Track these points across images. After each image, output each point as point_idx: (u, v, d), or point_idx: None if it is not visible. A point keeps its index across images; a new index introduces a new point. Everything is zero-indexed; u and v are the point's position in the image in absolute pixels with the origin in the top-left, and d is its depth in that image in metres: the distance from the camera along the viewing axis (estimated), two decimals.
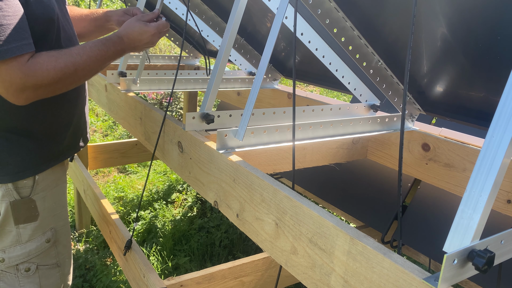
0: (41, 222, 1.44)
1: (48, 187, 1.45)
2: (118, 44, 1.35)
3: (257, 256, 1.71)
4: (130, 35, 1.38)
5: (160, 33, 1.44)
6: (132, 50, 1.42)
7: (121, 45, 1.36)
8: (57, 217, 1.51)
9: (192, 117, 1.32)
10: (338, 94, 6.72)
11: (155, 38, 1.43)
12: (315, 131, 1.40)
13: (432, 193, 1.76)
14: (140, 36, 1.39)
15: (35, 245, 1.44)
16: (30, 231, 1.42)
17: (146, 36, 1.40)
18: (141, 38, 1.39)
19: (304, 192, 2.25)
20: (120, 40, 1.36)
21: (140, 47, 1.42)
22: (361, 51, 1.39)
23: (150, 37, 1.41)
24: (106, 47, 1.32)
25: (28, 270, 1.44)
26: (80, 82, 1.32)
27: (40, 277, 1.47)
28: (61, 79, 1.21)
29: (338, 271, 0.81)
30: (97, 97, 2.31)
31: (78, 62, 1.24)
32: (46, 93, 1.22)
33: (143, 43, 1.41)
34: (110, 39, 1.34)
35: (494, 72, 1.18)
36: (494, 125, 0.69)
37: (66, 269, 1.58)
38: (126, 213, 3.31)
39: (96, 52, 1.29)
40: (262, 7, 1.83)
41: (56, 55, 1.21)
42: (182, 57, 3.13)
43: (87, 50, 1.27)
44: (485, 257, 0.65)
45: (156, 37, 1.43)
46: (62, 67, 1.20)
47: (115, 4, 8.21)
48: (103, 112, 5.30)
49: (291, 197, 0.91)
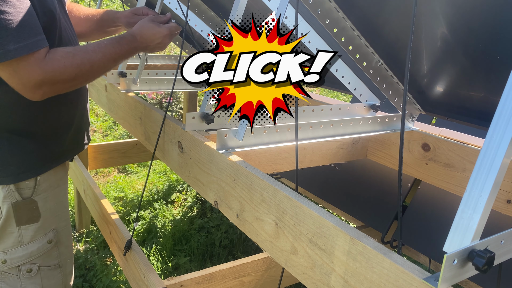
0: (43, 223, 1.44)
1: (49, 187, 1.45)
2: (131, 42, 1.37)
3: (257, 256, 1.70)
4: (144, 34, 1.39)
5: (171, 35, 1.45)
6: (143, 50, 1.43)
7: (134, 43, 1.38)
8: (59, 218, 1.51)
9: (192, 117, 1.32)
10: (338, 94, 6.72)
11: (167, 39, 1.44)
12: (315, 131, 1.40)
13: (432, 193, 1.76)
14: (153, 36, 1.40)
15: (36, 246, 1.43)
16: (32, 232, 1.41)
17: (159, 36, 1.41)
18: (153, 38, 1.40)
19: (304, 192, 2.25)
20: (134, 38, 1.37)
21: (151, 47, 1.43)
22: (361, 51, 1.39)
23: (162, 37, 1.42)
24: (120, 45, 1.33)
25: (30, 271, 1.44)
26: (94, 78, 1.34)
27: (42, 278, 1.47)
28: (77, 76, 1.22)
29: (338, 271, 0.81)
30: (97, 97, 2.31)
31: (94, 60, 1.26)
32: (62, 89, 1.23)
33: (155, 43, 1.42)
34: (124, 38, 1.36)
35: (494, 72, 1.18)
36: (494, 125, 0.69)
37: (67, 269, 1.58)
38: (126, 213, 3.30)
39: (111, 50, 1.30)
40: (262, 7, 1.83)
41: (73, 52, 1.23)
42: (182, 57, 3.12)
43: (102, 47, 1.28)
44: (485, 257, 0.65)
45: (168, 38, 1.44)
46: (78, 63, 1.21)
47: (115, 4, 8.21)
48: (103, 112, 5.30)
49: (291, 197, 0.91)
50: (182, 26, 1.62)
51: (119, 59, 1.34)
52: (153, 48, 1.43)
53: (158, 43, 1.43)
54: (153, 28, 1.41)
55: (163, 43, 1.44)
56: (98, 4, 2.65)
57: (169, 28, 1.43)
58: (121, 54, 1.34)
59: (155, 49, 1.45)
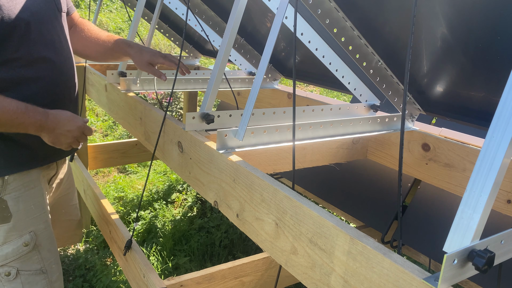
0: (15, 224, 1.41)
1: (22, 187, 1.42)
2: (40, 115, 1.33)
3: (257, 256, 1.70)
4: (58, 115, 1.37)
5: (84, 131, 1.44)
6: (47, 130, 1.36)
7: (41, 116, 1.33)
8: (37, 220, 1.47)
9: (192, 117, 1.32)
10: (338, 94, 6.72)
11: (77, 132, 1.41)
12: (315, 131, 1.40)
13: (432, 193, 1.76)
14: (66, 121, 1.38)
15: (11, 248, 1.40)
16: (3, 233, 1.39)
17: (72, 124, 1.39)
18: (65, 122, 1.38)
19: (304, 192, 2.25)
20: (45, 114, 1.34)
21: (58, 132, 1.38)
22: (361, 51, 1.39)
23: (75, 127, 1.40)
24: (27, 114, 1.29)
25: (9, 275, 1.40)
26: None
27: (23, 283, 1.43)
28: None
29: (338, 271, 0.81)
30: (97, 97, 2.31)
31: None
32: None
33: (64, 129, 1.38)
34: (36, 109, 1.32)
35: (494, 72, 1.18)
36: (494, 125, 0.69)
37: (53, 276, 1.53)
38: (126, 213, 3.31)
39: (9, 111, 1.26)
40: (262, 7, 1.83)
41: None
42: (182, 57, 3.13)
43: (6, 108, 1.25)
44: (485, 257, 0.65)
45: (79, 131, 1.42)
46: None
47: (115, 4, 8.22)
48: (103, 112, 5.30)
49: (291, 197, 0.91)
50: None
51: (14, 125, 1.29)
52: (59, 134, 1.38)
53: (68, 130, 1.39)
54: (71, 115, 1.40)
55: (71, 134, 1.40)
56: (98, 4, 2.65)
57: (84, 122, 1.43)
58: (21, 122, 1.28)
59: (60, 136, 1.39)
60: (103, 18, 7.39)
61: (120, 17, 7.70)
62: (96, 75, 2.28)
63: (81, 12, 7.30)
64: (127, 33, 7.15)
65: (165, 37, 5.10)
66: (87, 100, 4.97)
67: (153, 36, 5.74)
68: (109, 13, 7.76)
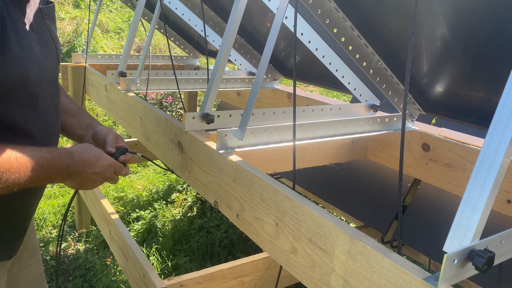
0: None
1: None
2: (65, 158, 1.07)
3: (257, 256, 1.70)
4: (84, 154, 1.12)
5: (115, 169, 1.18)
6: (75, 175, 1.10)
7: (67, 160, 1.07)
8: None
9: (192, 117, 1.32)
10: (338, 94, 6.71)
11: (109, 170, 1.16)
12: (315, 131, 1.40)
13: (432, 193, 1.76)
14: (95, 160, 1.13)
15: None
16: None
17: (102, 163, 1.14)
18: (95, 163, 1.13)
19: (304, 192, 2.25)
20: (70, 155, 1.09)
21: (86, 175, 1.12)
22: (361, 51, 1.39)
23: (105, 166, 1.15)
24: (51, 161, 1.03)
25: None
26: None
27: None
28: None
29: (338, 271, 0.81)
30: (97, 97, 2.31)
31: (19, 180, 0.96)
32: None
33: (93, 170, 1.13)
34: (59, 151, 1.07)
35: (494, 72, 1.18)
36: (494, 125, 0.69)
37: None
38: (126, 213, 3.31)
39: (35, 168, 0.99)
40: (262, 7, 1.83)
41: None
42: (182, 57, 3.13)
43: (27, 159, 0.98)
44: (485, 257, 0.65)
45: (110, 171, 1.17)
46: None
47: (115, 4, 8.21)
48: (103, 112, 5.29)
49: (291, 197, 0.91)
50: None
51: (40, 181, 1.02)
52: (87, 177, 1.12)
53: (97, 172, 1.14)
54: (98, 151, 1.15)
55: (100, 176, 1.15)
56: (98, 4, 2.65)
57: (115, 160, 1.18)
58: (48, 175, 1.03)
59: (86, 181, 1.13)
60: (103, 18, 7.39)
61: (120, 17, 7.70)
62: (96, 75, 2.28)
63: (81, 12, 7.29)
64: (127, 33, 7.15)
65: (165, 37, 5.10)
66: (87, 100, 4.97)
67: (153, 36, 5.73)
68: (109, 13, 7.76)
